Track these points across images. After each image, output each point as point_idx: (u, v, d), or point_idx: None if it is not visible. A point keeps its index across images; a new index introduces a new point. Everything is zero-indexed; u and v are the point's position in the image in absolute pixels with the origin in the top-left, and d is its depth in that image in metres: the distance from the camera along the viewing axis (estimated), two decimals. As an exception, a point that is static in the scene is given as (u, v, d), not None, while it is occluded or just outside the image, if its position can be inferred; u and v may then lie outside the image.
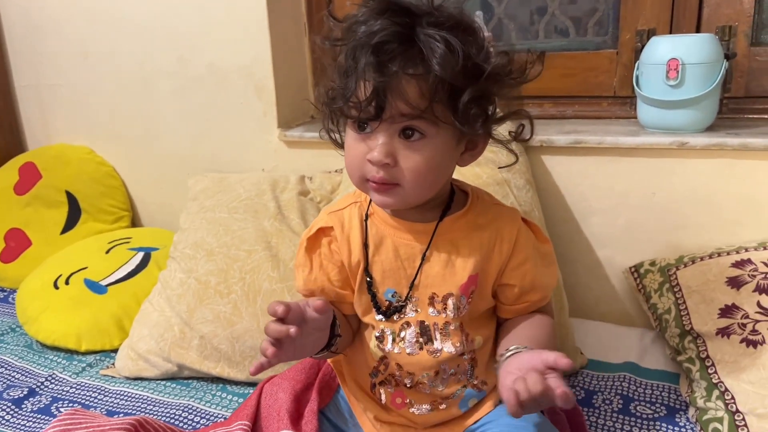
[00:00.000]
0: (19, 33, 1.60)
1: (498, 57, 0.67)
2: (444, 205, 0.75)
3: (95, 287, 1.23)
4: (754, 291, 0.93)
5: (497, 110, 0.71)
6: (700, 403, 0.88)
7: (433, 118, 0.64)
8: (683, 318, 0.98)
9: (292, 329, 0.62)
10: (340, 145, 0.73)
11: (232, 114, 1.40)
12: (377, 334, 0.77)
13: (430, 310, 0.75)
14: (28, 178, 1.51)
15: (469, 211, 0.75)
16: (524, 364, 0.62)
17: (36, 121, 1.67)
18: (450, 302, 0.74)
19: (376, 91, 0.62)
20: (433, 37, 0.62)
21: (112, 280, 1.24)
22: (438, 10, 0.65)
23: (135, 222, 1.61)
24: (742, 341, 0.90)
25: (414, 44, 0.62)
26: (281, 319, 0.64)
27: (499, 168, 1.02)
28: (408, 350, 0.75)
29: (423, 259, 0.74)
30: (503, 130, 0.75)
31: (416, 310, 0.75)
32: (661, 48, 1.06)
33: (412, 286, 0.74)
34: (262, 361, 0.64)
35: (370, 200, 0.77)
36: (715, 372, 0.89)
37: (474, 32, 0.66)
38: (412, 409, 0.77)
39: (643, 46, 1.12)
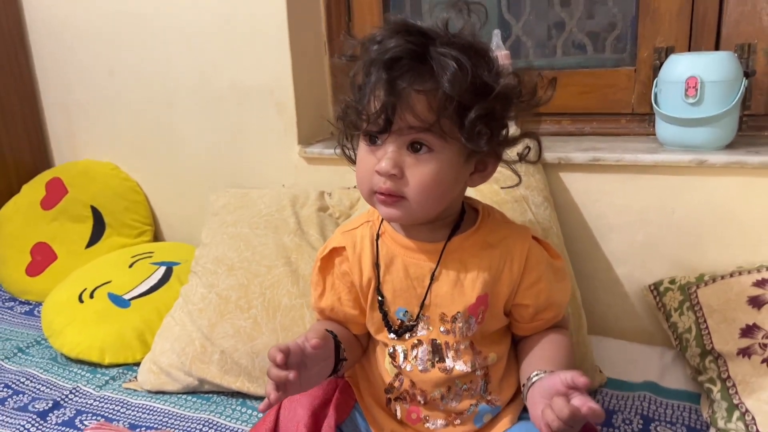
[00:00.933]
0: (46, 51, 1.64)
1: (508, 78, 0.68)
2: (454, 224, 0.76)
3: (119, 301, 1.25)
4: (776, 311, 0.92)
5: (508, 133, 0.72)
6: (720, 424, 0.87)
7: (441, 132, 0.65)
8: (704, 337, 0.97)
9: (291, 374, 0.65)
10: (353, 161, 0.75)
11: (253, 130, 1.42)
12: (390, 351, 0.77)
13: (441, 328, 0.75)
14: (55, 193, 1.55)
15: (478, 229, 0.76)
16: (547, 391, 0.63)
17: (63, 138, 1.71)
18: (458, 322, 0.74)
19: (386, 104, 0.64)
20: (444, 55, 0.64)
21: (135, 294, 1.27)
22: (452, 35, 0.67)
23: (157, 236, 1.64)
24: (762, 362, 0.89)
25: (426, 61, 0.64)
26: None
27: (502, 188, 1.02)
28: (420, 367, 0.76)
29: (432, 278, 0.74)
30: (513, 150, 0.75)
31: (428, 329, 0.76)
32: (680, 66, 1.06)
33: (422, 306, 0.75)
34: (270, 400, 0.66)
35: (382, 219, 0.78)
36: (736, 393, 0.88)
37: (486, 54, 0.68)
38: (427, 425, 0.78)
39: (661, 64, 1.12)
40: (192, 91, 1.46)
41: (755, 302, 0.94)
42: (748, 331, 0.92)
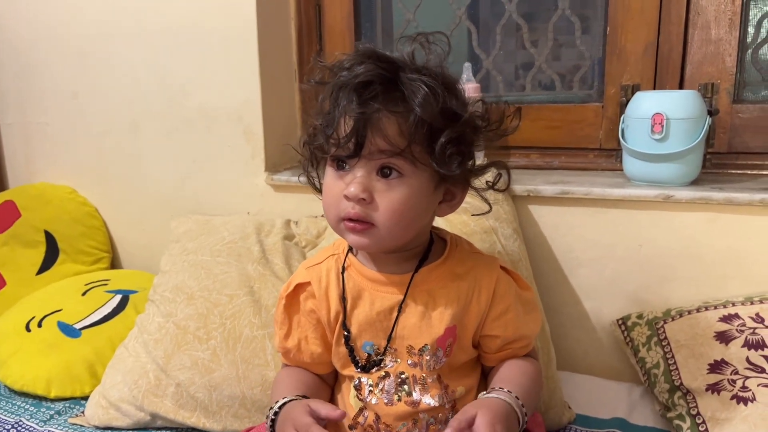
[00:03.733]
0: (7, 70, 1.59)
1: (475, 105, 0.69)
2: (422, 254, 0.74)
3: (69, 330, 1.18)
4: (743, 346, 0.92)
5: (475, 163, 0.72)
6: (691, 462, 0.85)
7: (412, 158, 0.65)
8: (672, 373, 0.96)
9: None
10: (319, 190, 0.74)
11: (220, 156, 1.39)
12: (355, 384, 0.75)
13: (409, 361, 0.73)
14: (7, 216, 1.48)
15: (446, 260, 0.74)
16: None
17: (19, 160, 1.64)
18: (426, 354, 0.72)
19: (357, 128, 0.64)
20: (415, 81, 0.64)
21: (87, 323, 1.20)
22: (421, 65, 0.67)
23: (115, 264, 1.58)
24: (732, 398, 0.88)
25: (396, 87, 0.65)
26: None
27: (473, 215, 1.01)
28: (386, 400, 0.73)
29: (399, 310, 0.72)
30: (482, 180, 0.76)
31: (395, 361, 0.73)
32: (646, 103, 1.08)
33: (389, 339, 0.73)
34: None
35: (347, 252, 0.76)
36: (706, 430, 0.87)
37: (454, 83, 0.69)
38: None
39: (628, 101, 1.14)
40: (158, 115, 1.43)
41: (722, 337, 0.94)
42: (716, 366, 0.92)
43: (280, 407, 0.71)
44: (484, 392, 0.71)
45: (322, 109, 0.69)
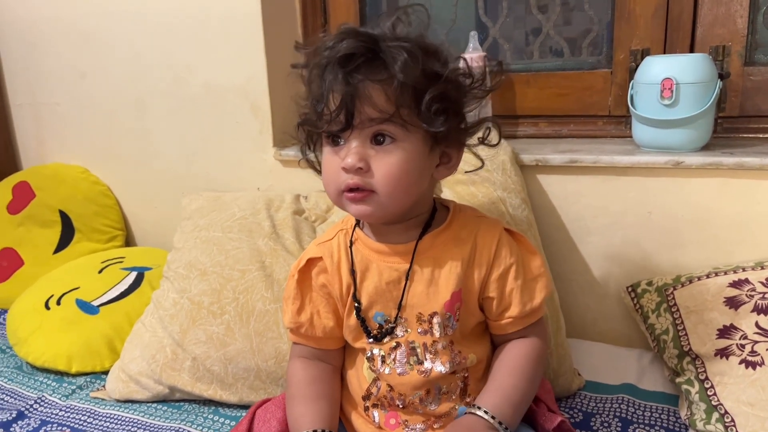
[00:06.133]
0: (15, 52, 1.60)
1: (455, 62, 0.71)
2: (425, 223, 0.75)
3: (87, 308, 1.21)
4: (752, 311, 0.92)
5: (466, 122, 0.73)
6: (699, 425, 0.86)
7: (402, 121, 0.67)
8: (681, 339, 0.97)
9: None
10: (318, 170, 0.75)
11: (228, 133, 1.39)
12: (368, 356, 0.76)
13: (419, 329, 0.74)
14: (22, 197, 1.50)
15: (450, 225, 0.75)
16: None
17: (31, 141, 1.66)
18: (435, 321, 0.73)
19: (345, 99, 0.66)
20: (394, 48, 0.66)
21: (104, 300, 1.23)
22: (400, 35, 0.69)
23: (129, 241, 1.60)
24: (741, 362, 0.88)
25: (377, 56, 0.66)
26: None
27: (466, 172, 1.01)
28: (398, 370, 0.74)
29: (407, 279, 0.74)
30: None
31: (406, 331, 0.75)
32: (655, 67, 1.06)
33: (399, 308, 0.74)
34: None
35: (354, 227, 0.77)
36: (715, 394, 0.88)
37: (433, 47, 0.70)
38: (406, 430, 0.76)
39: (637, 66, 1.12)
40: (165, 93, 1.43)
41: (732, 303, 0.94)
42: (726, 331, 0.92)
43: None
44: (465, 407, 0.73)
45: (310, 90, 0.71)
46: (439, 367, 0.74)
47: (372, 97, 0.66)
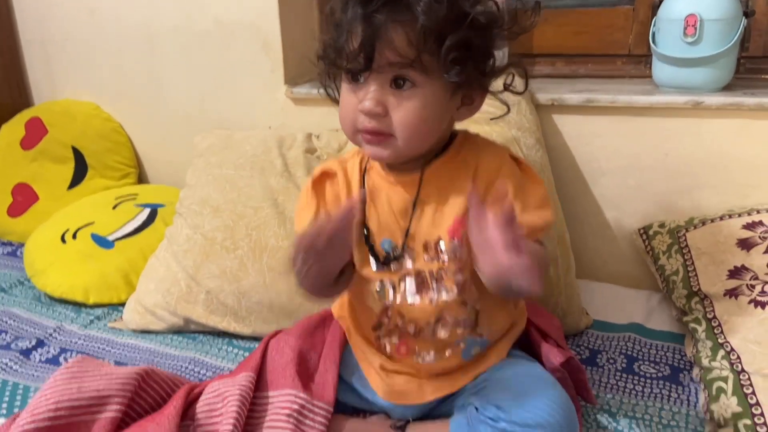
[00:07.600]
0: (23, -14, 1.57)
1: (486, 5, 0.67)
2: (435, 153, 0.75)
3: (102, 242, 1.23)
4: (765, 252, 0.92)
5: (494, 64, 0.70)
6: (704, 362, 0.87)
7: (422, 67, 0.64)
8: (691, 279, 0.97)
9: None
10: (338, 101, 0.73)
11: (239, 70, 1.38)
12: (377, 288, 0.77)
13: (425, 257, 0.74)
14: (35, 133, 1.50)
15: (457, 152, 0.75)
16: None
17: (42, 77, 1.65)
18: (442, 247, 0.73)
19: (365, 41, 0.64)
20: None
21: (119, 235, 1.25)
22: None
23: (141, 179, 1.61)
24: (750, 302, 0.89)
25: None
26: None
27: (491, 119, 0.99)
28: (409, 300, 0.75)
29: (414, 207, 0.74)
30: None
31: (413, 259, 0.75)
32: (680, 3, 1.03)
33: (407, 236, 0.74)
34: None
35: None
36: (721, 332, 0.89)
37: None
38: (417, 358, 0.78)
39: (660, 2, 1.09)
40: (175, 31, 1.41)
41: (744, 244, 0.94)
42: (736, 272, 0.92)
43: None
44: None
45: (331, 22, 0.69)
46: (447, 294, 0.74)
47: (393, 40, 0.64)
